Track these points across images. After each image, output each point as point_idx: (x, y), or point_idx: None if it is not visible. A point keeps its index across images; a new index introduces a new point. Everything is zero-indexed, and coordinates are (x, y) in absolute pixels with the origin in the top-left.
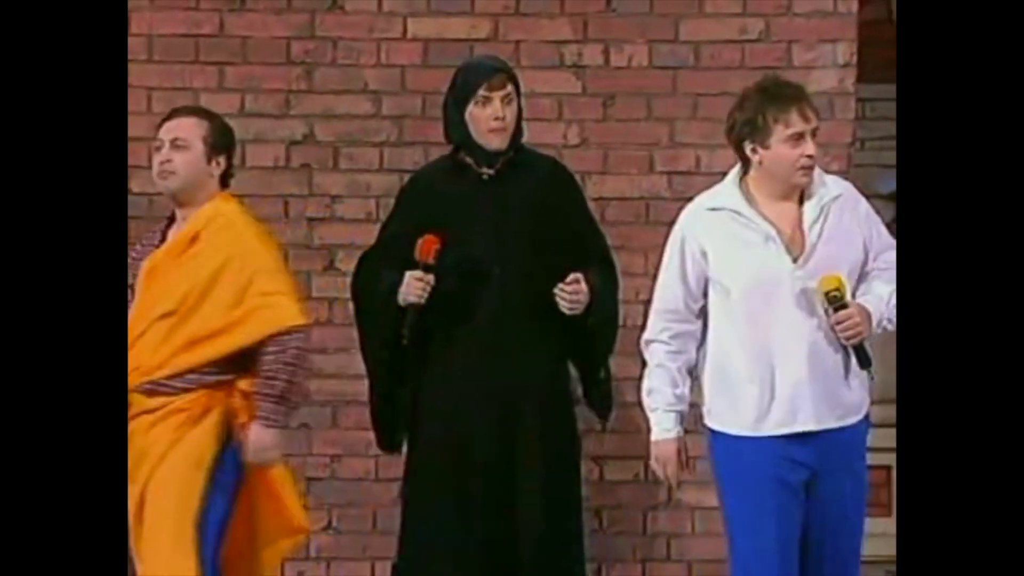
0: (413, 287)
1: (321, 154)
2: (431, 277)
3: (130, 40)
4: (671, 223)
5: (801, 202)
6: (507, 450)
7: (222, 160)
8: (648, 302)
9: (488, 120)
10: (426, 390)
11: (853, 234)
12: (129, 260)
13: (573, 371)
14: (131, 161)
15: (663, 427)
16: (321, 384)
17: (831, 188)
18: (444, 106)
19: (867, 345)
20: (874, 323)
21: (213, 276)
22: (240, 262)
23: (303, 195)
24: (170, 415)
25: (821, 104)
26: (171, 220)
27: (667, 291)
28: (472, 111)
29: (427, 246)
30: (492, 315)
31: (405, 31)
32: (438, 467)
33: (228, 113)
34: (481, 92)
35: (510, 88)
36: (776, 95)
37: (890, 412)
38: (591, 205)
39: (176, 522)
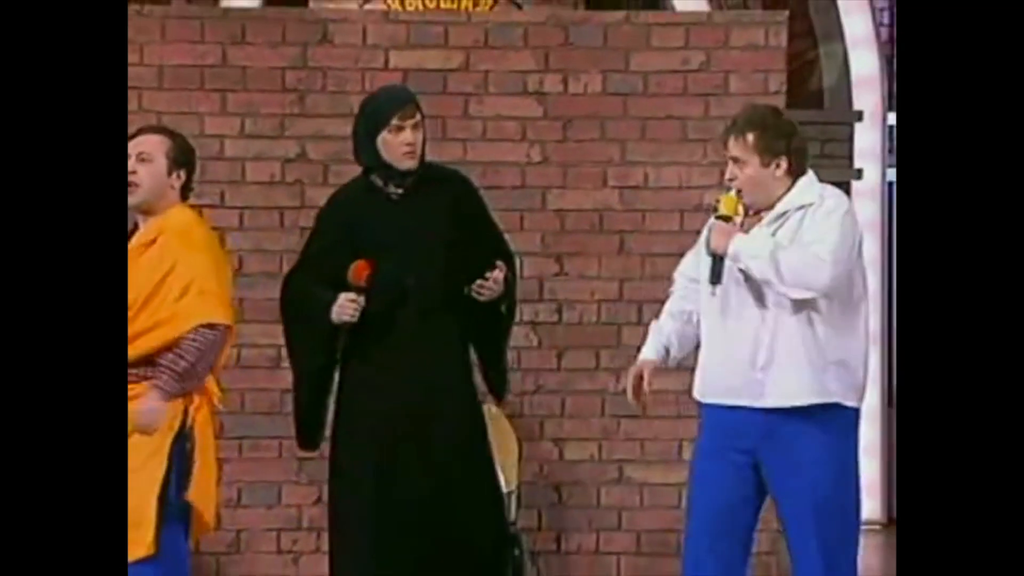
0: (346, 308)
1: (312, 171)
2: (362, 299)
3: (142, 69)
4: (621, 231)
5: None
6: (425, 434)
7: (182, 174)
8: (601, 302)
9: (401, 146)
10: (349, 394)
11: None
12: None
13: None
14: None
15: (643, 351)
16: None
17: (805, 198)
18: (354, 133)
19: (725, 264)
20: (740, 246)
21: (162, 278)
22: (185, 265)
23: (296, 207)
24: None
25: None
26: (135, 230)
27: (688, 256)
28: (385, 137)
29: (359, 271)
30: (407, 321)
31: (387, 62)
32: (363, 455)
33: (229, 135)
34: (394, 121)
35: (418, 116)
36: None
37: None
38: (551, 216)
39: (140, 494)
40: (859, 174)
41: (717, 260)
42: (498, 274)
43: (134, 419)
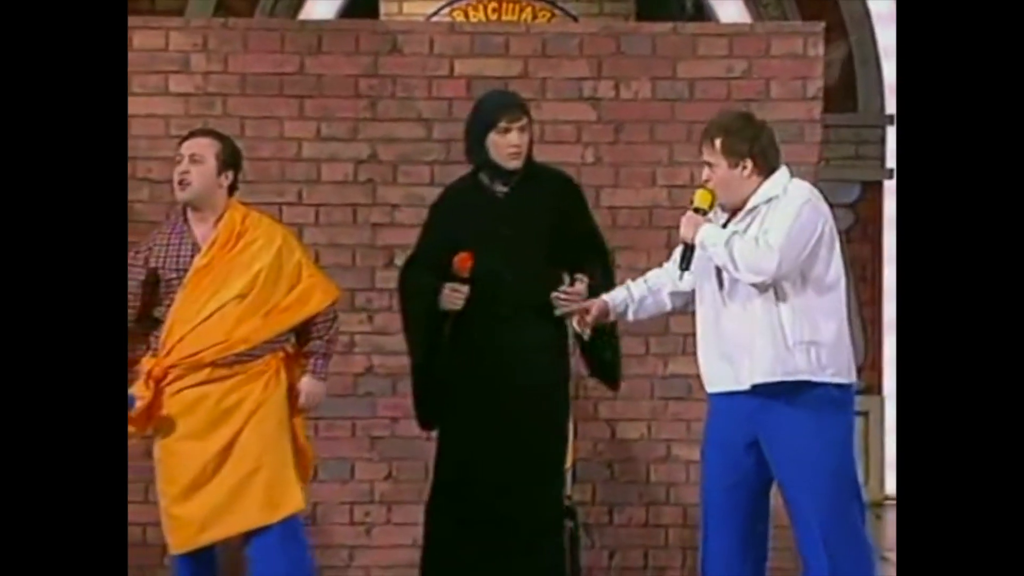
0: (451, 297)
1: (383, 171)
2: (466, 288)
3: (226, 77)
4: (669, 227)
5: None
6: (512, 415)
7: (230, 174)
8: None
9: (507, 147)
10: (452, 376)
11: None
12: (135, 256)
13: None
14: None
15: (610, 293)
16: (384, 360)
17: (772, 192)
18: (467, 132)
19: (696, 251)
20: (703, 235)
21: (275, 259)
22: (287, 247)
23: (368, 204)
24: (253, 378)
25: (793, 130)
26: (184, 227)
27: None
28: (493, 139)
29: (463, 263)
30: (505, 310)
31: (452, 70)
32: (459, 433)
33: (306, 137)
34: (502, 124)
35: (525, 120)
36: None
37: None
38: (604, 213)
39: (284, 456)
40: (891, 174)
41: (687, 248)
42: (579, 287)
43: (304, 404)
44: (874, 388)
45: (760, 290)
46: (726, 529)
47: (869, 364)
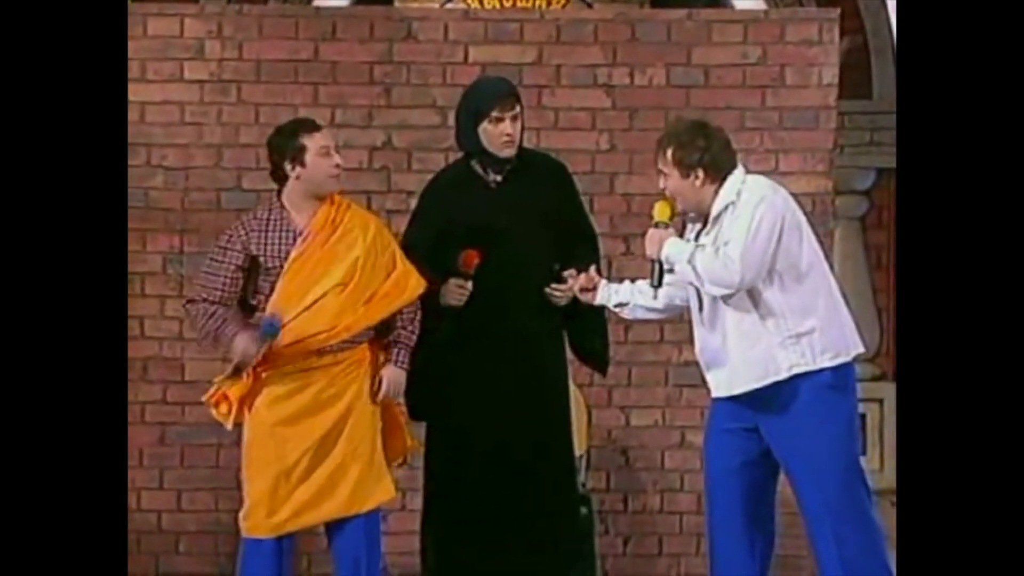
0: (454, 293)
1: (398, 158)
2: (470, 285)
3: (241, 64)
4: (683, 214)
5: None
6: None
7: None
8: None
9: (500, 136)
10: (448, 370)
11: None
12: (231, 240)
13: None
14: (241, 164)
15: (616, 285)
16: None
17: (729, 197)
18: (457, 118)
19: (664, 267)
20: (668, 250)
21: (369, 248)
22: (379, 236)
23: (383, 191)
24: (354, 366)
25: (808, 117)
26: (282, 214)
27: None
28: (485, 127)
29: (469, 259)
30: (506, 304)
31: (467, 56)
32: (457, 424)
33: (321, 124)
34: (495, 112)
35: (517, 108)
36: None
37: (864, 369)
38: (618, 199)
39: (377, 445)
40: None
41: (655, 265)
42: (572, 282)
43: (388, 392)
44: (888, 375)
45: (735, 299)
46: (732, 513)
47: (885, 351)
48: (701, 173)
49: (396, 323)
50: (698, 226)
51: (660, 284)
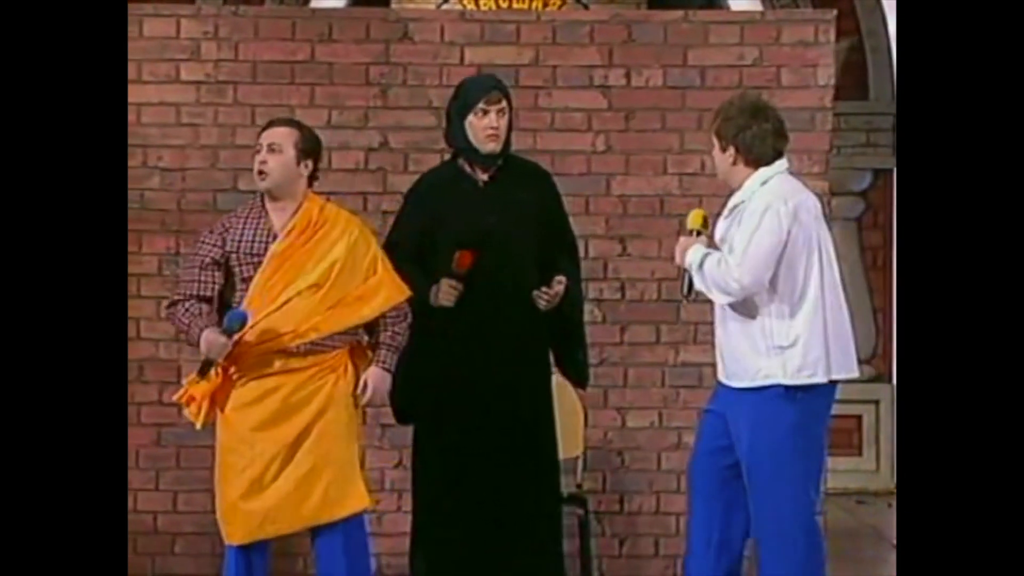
0: (448, 293)
1: (394, 159)
2: (462, 286)
3: (237, 65)
4: (680, 215)
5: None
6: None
7: (310, 163)
8: (661, 281)
9: (485, 129)
10: (434, 371)
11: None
12: (209, 235)
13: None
14: (237, 165)
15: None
16: None
17: (745, 194)
18: (447, 115)
19: (690, 277)
20: (690, 257)
21: (349, 251)
22: (363, 241)
23: (379, 192)
24: (326, 372)
25: (804, 118)
26: (262, 215)
27: None
28: (471, 120)
29: (463, 259)
30: (492, 305)
31: (463, 58)
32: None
33: (317, 125)
34: (480, 105)
35: (504, 103)
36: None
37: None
38: (614, 201)
39: (351, 453)
40: None
41: (684, 273)
42: (558, 288)
43: (370, 397)
44: (885, 376)
45: (739, 303)
46: (708, 493)
47: (880, 352)
48: (733, 151)
49: (379, 327)
50: (704, 233)
51: (690, 292)
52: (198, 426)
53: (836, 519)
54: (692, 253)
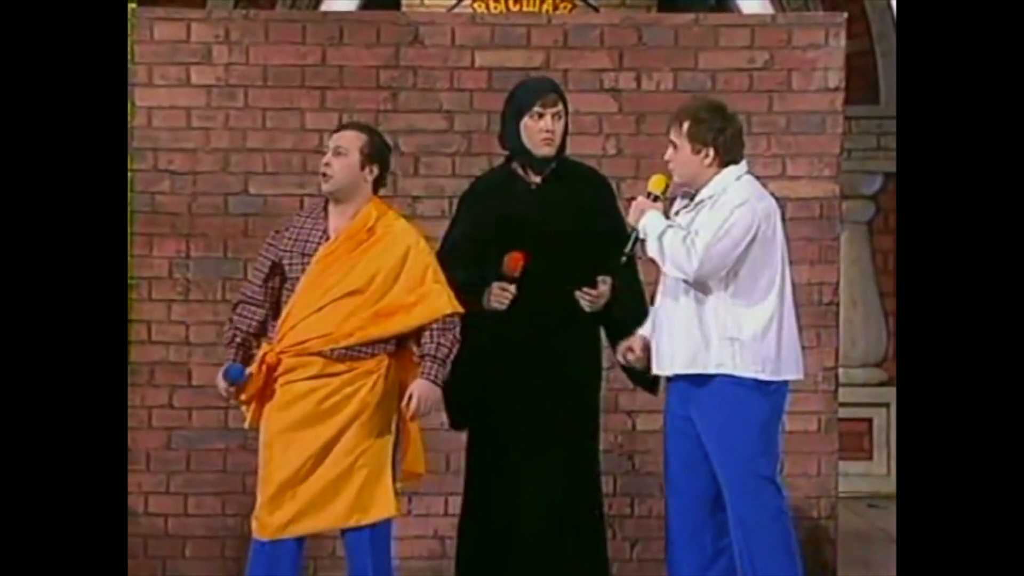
0: (500, 297)
1: (404, 162)
2: (513, 288)
3: (248, 68)
4: None
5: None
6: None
7: (375, 168)
8: None
9: (540, 132)
10: (487, 375)
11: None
12: (274, 237)
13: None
14: (248, 168)
15: None
16: None
17: (716, 188)
18: (502, 117)
19: (639, 237)
20: (650, 226)
21: (400, 261)
22: (417, 252)
23: (390, 196)
24: (361, 377)
25: (815, 121)
26: (321, 217)
27: None
28: (526, 123)
29: (515, 262)
30: (541, 309)
31: (473, 61)
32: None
33: (328, 129)
34: (536, 108)
35: (560, 107)
36: None
37: (871, 374)
38: (625, 205)
39: (383, 459)
40: None
41: (633, 232)
42: (603, 288)
43: (416, 408)
44: (894, 379)
45: (687, 285)
46: (684, 494)
47: (892, 356)
48: (711, 153)
49: (424, 337)
50: (685, 202)
51: (631, 252)
52: (246, 425)
53: (847, 523)
54: (652, 220)
